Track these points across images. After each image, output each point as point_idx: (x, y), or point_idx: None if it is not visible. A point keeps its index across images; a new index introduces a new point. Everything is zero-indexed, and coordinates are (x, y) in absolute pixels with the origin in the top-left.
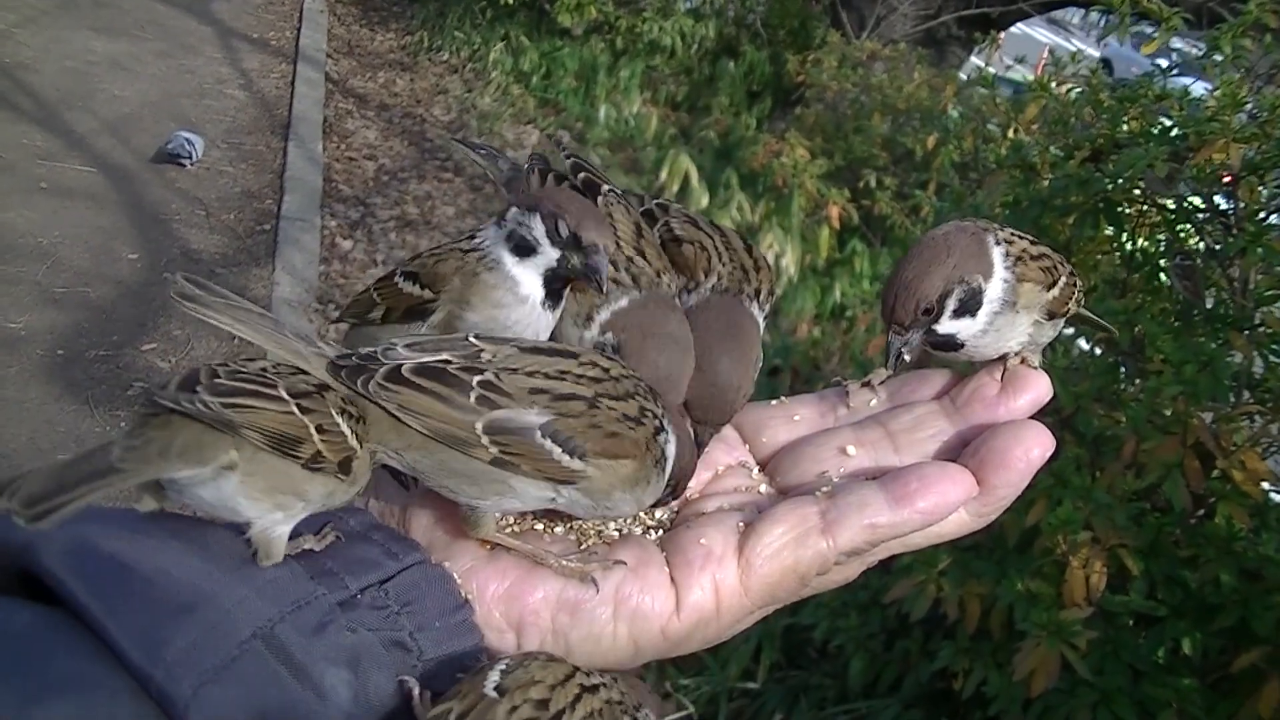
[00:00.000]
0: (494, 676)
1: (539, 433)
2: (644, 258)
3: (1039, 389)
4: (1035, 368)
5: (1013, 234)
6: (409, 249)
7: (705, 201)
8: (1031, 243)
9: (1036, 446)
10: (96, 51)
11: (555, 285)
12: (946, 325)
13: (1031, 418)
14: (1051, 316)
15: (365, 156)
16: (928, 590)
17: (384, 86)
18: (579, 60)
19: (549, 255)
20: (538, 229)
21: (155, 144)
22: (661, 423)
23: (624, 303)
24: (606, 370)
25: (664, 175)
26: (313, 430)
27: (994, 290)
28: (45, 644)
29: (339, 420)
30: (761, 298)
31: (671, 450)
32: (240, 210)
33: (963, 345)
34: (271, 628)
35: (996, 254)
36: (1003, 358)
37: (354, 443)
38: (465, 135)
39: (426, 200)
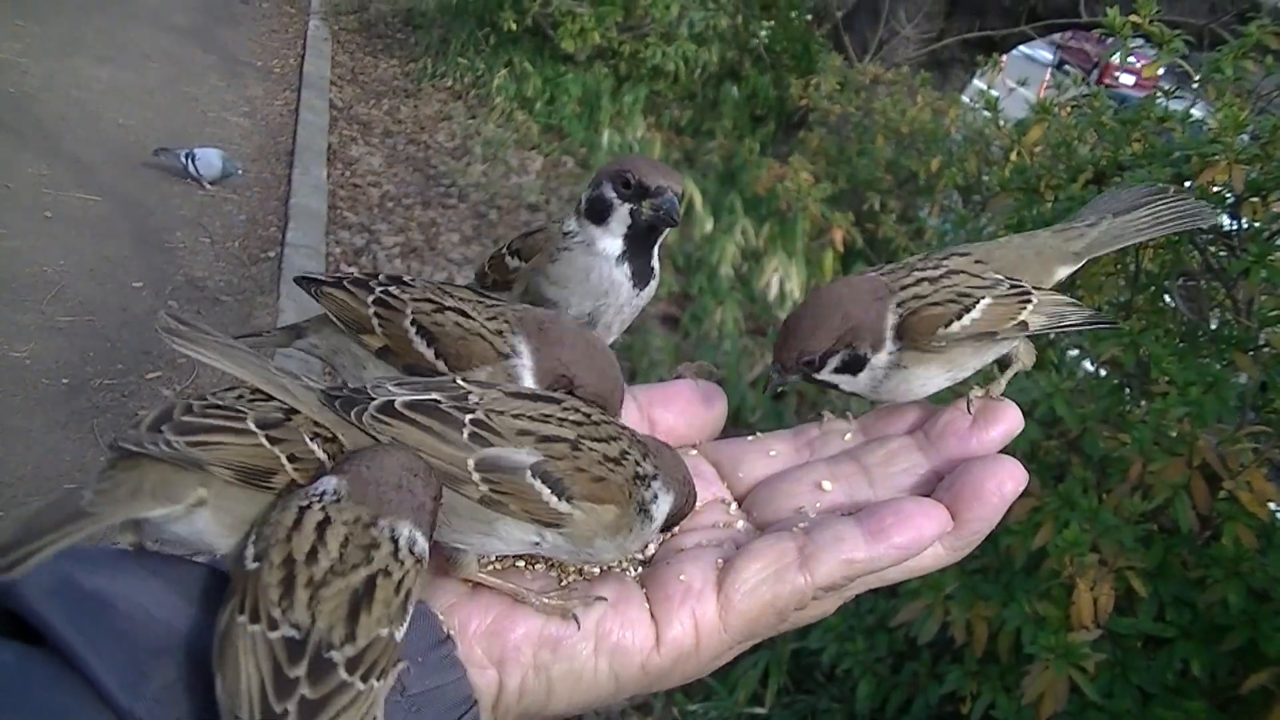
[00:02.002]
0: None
1: (529, 472)
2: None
3: (1010, 421)
4: (1001, 399)
5: (915, 279)
6: (413, 276)
7: (710, 226)
8: (930, 283)
9: (1009, 480)
10: (101, 80)
11: (638, 247)
12: (826, 376)
13: (1007, 448)
14: (980, 337)
15: (370, 183)
16: (935, 613)
17: (388, 113)
18: (582, 86)
19: (621, 214)
20: (606, 191)
21: (159, 172)
22: (642, 466)
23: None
24: (588, 415)
25: None
26: (284, 460)
27: (880, 360)
28: (28, 682)
29: (313, 446)
30: None
31: (657, 495)
32: (245, 238)
33: (852, 391)
34: None
35: (890, 322)
36: (974, 388)
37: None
38: (469, 162)
39: (431, 227)
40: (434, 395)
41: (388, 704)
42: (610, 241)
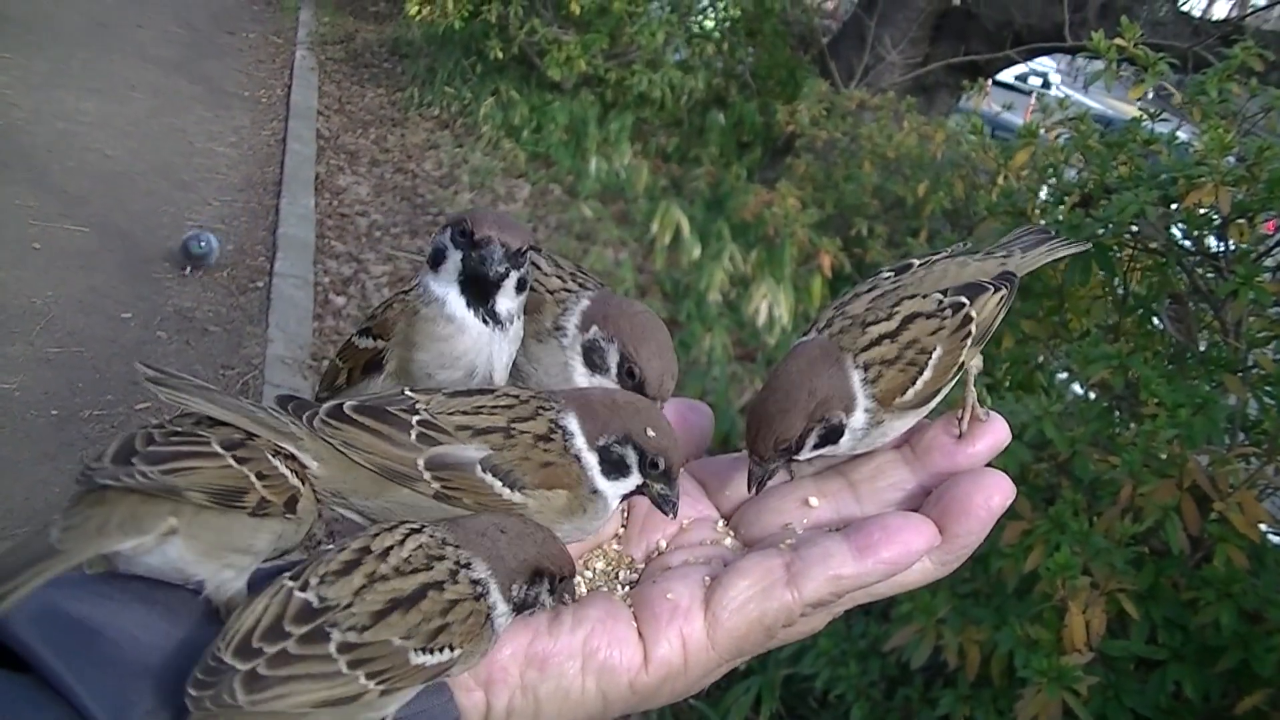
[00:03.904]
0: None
1: (479, 467)
2: (582, 272)
3: (997, 434)
4: (987, 413)
5: (872, 338)
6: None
7: (697, 253)
8: (890, 339)
9: (997, 494)
10: (88, 111)
11: (474, 295)
12: (808, 454)
13: (997, 464)
14: (934, 395)
15: (357, 212)
16: (927, 637)
17: (375, 142)
18: (569, 114)
19: (454, 260)
20: (445, 238)
21: (147, 202)
22: (565, 426)
23: (586, 302)
24: (516, 397)
25: (655, 227)
26: (253, 479)
27: (857, 420)
28: (13, 710)
29: (276, 463)
30: None
31: (586, 457)
32: (233, 267)
33: (835, 454)
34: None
35: (856, 381)
36: (959, 403)
37: (295, 481)
38: (456, 190)
39: (419, 255)
40: (384, 405)
41: None
42: (454, 298)
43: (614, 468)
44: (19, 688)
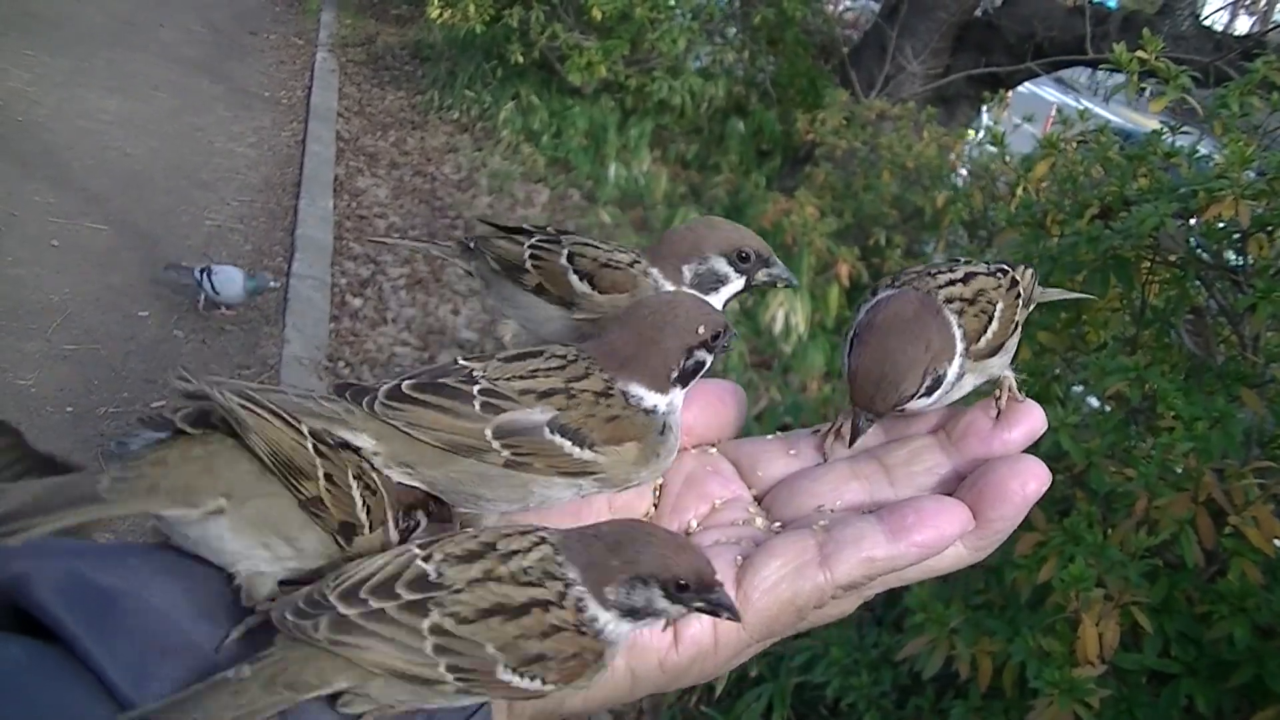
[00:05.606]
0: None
1: (547, 429)
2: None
3: (1033, 421)
4: (1023, 399)
5: (949, 282)
6: (419, 307)
7: None
8: (963, 284)
9: (1033, 480)
10: (109, 110)
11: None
12: (913, 406)
13: (1039, 460)
14: (998, 350)
15: (376, 215)
16: (940, 648)
17: (395, 145)
18: (589, 119)
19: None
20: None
21: (166, 201)
22: (622, 385)
23: None
24: (564, 356)
25: None
26: (320, 471)
27: (953, 371)
28: (35, 677)
29: (351, 482)
30: None
31: (655, 405)
32: (251, 268)
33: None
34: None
35: (955, 329)
36: (997, 387)
37: (359, 513)
38: (475, 194)
39: (437, 259)
40: (440, 379)
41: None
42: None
43: (692, 374)
44: (44, 657)
